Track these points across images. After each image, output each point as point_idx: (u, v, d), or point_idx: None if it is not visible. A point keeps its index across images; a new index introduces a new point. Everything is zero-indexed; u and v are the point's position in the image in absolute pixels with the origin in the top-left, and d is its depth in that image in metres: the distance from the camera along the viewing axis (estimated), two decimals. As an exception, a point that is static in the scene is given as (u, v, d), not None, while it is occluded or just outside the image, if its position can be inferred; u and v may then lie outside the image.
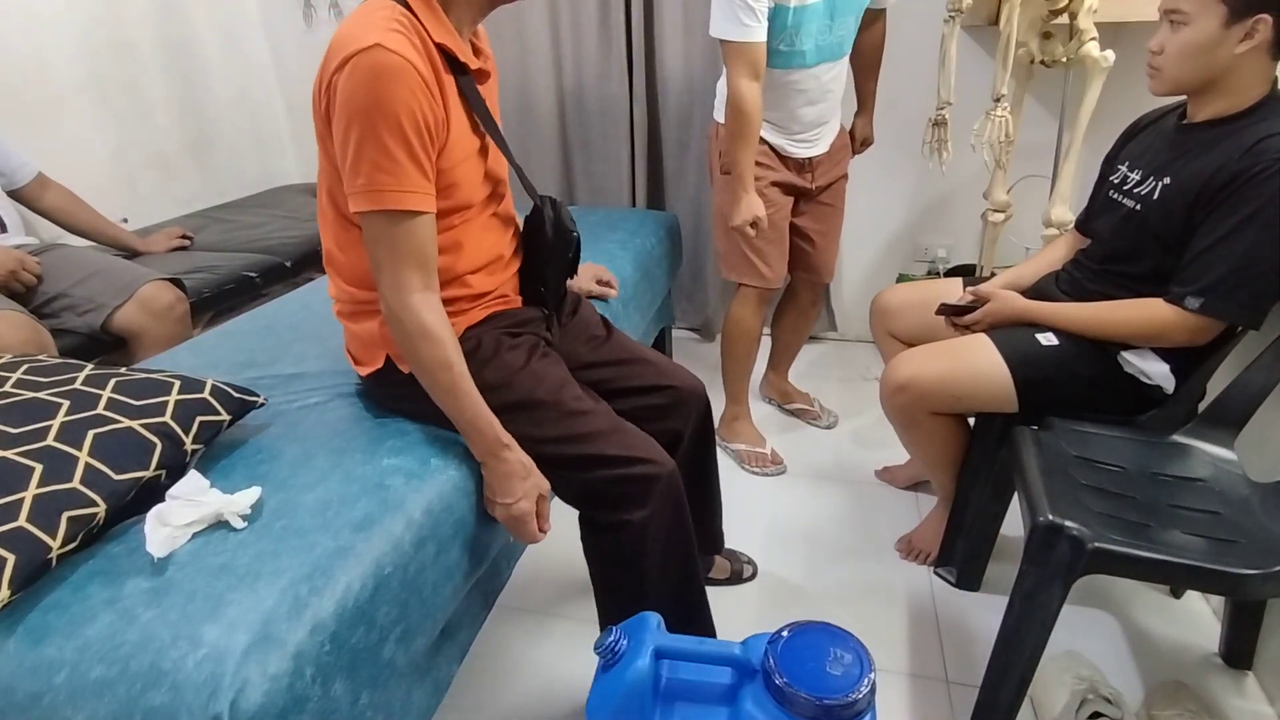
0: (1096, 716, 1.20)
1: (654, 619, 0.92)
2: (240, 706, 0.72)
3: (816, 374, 2.53)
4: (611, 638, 0.89)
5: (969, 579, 1.58)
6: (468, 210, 1.10)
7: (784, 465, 2.04)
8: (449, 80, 1.02)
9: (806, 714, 0.79)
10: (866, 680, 0.79)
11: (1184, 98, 1.29)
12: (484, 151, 1.11)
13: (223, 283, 2.03)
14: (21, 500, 0.82)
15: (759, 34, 1.56)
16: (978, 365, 1.37)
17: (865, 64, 1.96)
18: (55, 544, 0.82)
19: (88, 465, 0.88)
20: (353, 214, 0.99)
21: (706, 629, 1.25)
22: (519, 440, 1.08)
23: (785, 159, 1.85)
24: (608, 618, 1.23)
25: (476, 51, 1.11)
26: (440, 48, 1.00)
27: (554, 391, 1.13)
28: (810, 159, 1.88)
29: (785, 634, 0.85)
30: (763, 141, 1.81)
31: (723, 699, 0.87)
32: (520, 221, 1.27)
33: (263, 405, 1.13)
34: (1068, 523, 1.06)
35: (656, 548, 1.13)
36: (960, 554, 1.58)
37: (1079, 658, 1.34)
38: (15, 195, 1.94)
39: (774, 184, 1.85)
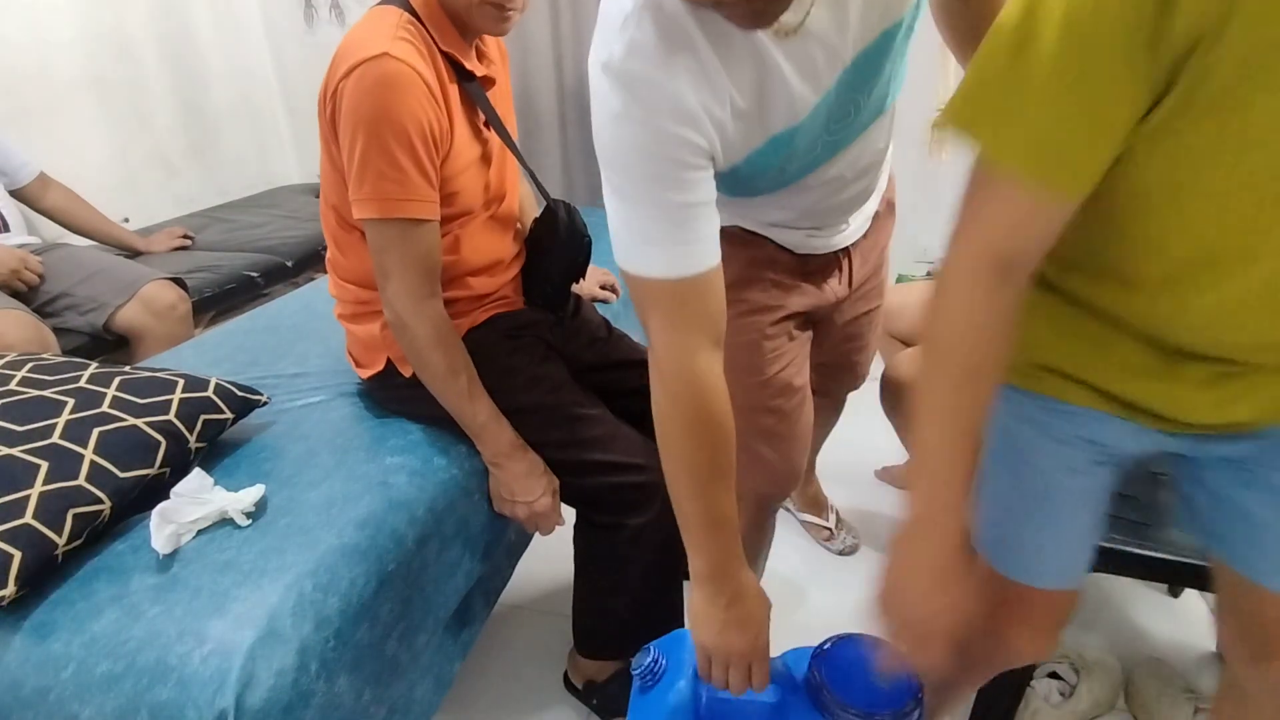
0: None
1: (690, 636, 0.88)
2: (246, 701, 0.73)
3: (816, 374, 2.53)
4: (649, 658, 0.84)
5: (968, 578, 1.59)
6: (467, 215, 1.11)
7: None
8: (454, 88, 1.02)
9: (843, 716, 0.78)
10: (916, 692, 0.78)
11: None
12: (486, 158, 1.11)
13: (224, 282, 2.03)
14: (28, 497, 0.83)
15: (706, 250, 0.74)
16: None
17: (971, 29, 0.98)
18: (61, 541, 0.83)
19: (93, 463, 0.89)
20: (356, 220, 0.99)
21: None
22: None
23: (803, 261, 1.06)
24: (581, 605, 1.26)
25: (482, 57, 1.11)
26: (446, 55, 1.01)
27: (555, 395, 1.13)
28: (846, 249, 1.10)
29: (828, 647, 0.84)
30: (757, 237, 1.03)
31: (768, 717, 0.84)
32: (526, 223, 1.27)
33: (266, 404, 1.13)
34: (1066, 521, 1.07)
35: (647, 552, 1.14)
36: (959, 553, 1.59)
37: (1167, 665, 1.32)
38: (17, 195, 1.95)
39: (785, 319, 1.08)
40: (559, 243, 1.22)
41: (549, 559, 1.61)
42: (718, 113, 0.70)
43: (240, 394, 1.09)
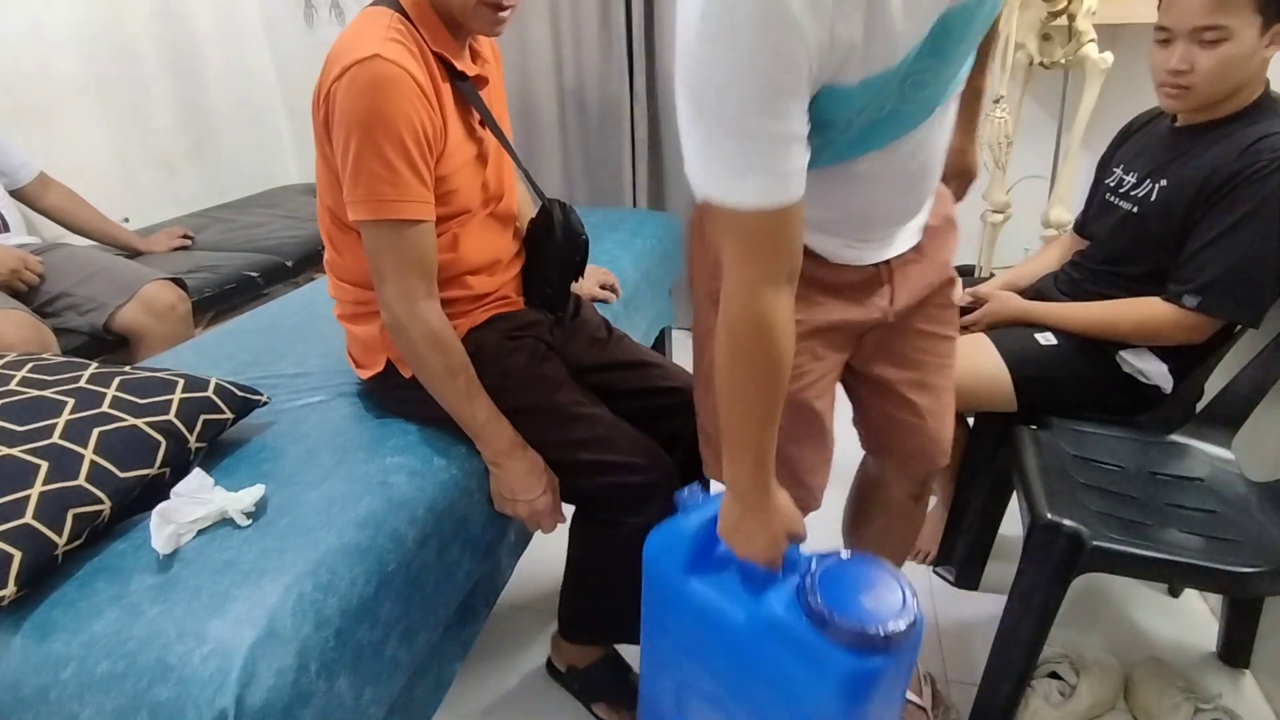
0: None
1: None
2: (246, 701, 0.73)
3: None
4: (687, 492, 0.95)
5: (968, 578, 1.59)
6: (466, 214, 1.11)
7: None
8: (446, 88, 1.02)
9: (818, 622, 0.78)
10: (894, 625, 0.77)
11: None
12: (482, 157, 1.11)
13: (224, 282, 2.03)
14: (28, 497, 0.83)
15: (800, 182, 0.73)
16: (977, 365, 1.38)
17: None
18: (61, 541, 0.83)
19: (93, 463, 0.89)
20: (352, 222, 1.00)
21: None
22: None
23: (836, 272, 0.97)
24: (570, 593, 1.27)
25: (476, 57, 1.11)
26: (438, 56, 1.01)
27: (554, 395, 1.13)
28: (888, 261, 0.99)
29: (844, 555, 0.85)
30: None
31: (761, 586, 0.87)
32: (524, 223, 1.27)
33: (266, 404, 1.13)
34: (1066, 521, 1.07)
35: (642, 551, 1.14)
36: (959, 553, 1.59)
37: (1167, 665, 1.32)
38: (17, 195, 1.95)
39: (810, 336, 0.98)
40: (555, 243, 1.22)
41: (549, 559, 1.61)
42: (820, 35, 0.67)
43: (240, 394, 1.09)
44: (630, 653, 1.36)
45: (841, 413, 1.08)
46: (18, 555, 0.79)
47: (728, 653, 0.90)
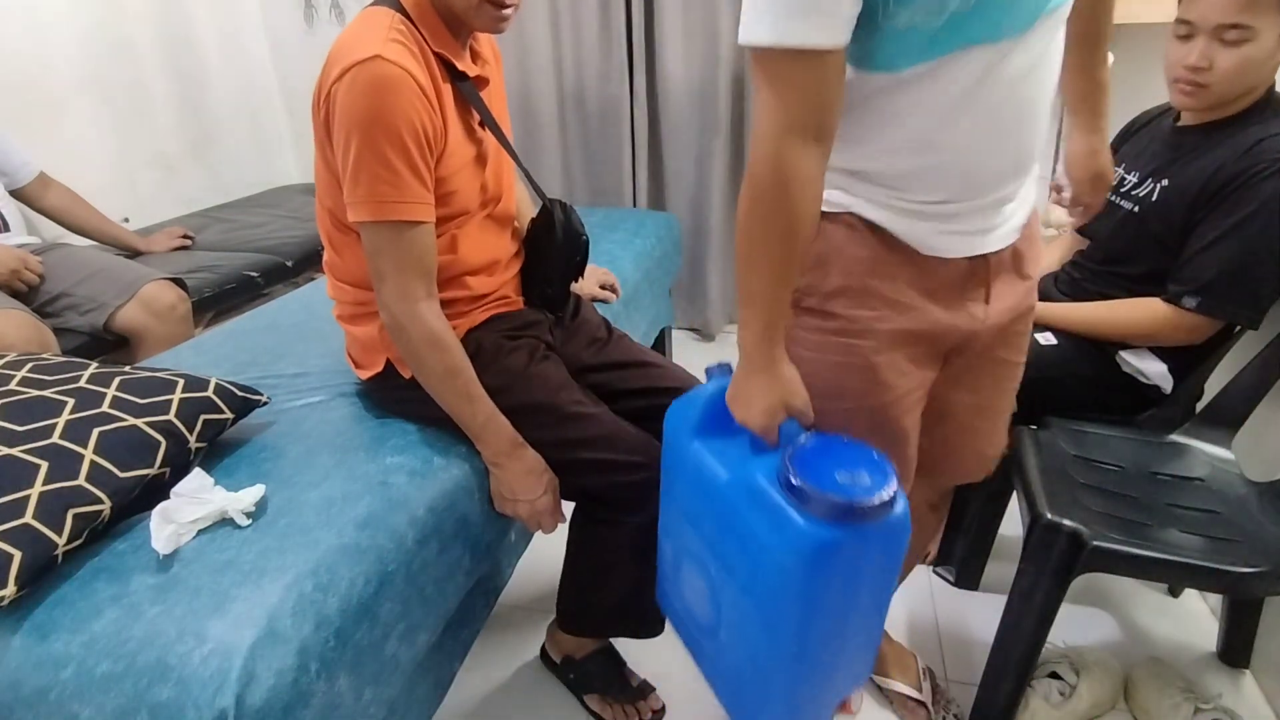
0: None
1: None
2: (246, 701, 0.73)
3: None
4: (716, 366, 0.98)
5: (968, 578, 1.59)
6: (464, 215, 1.11)
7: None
8: (447, 89, 1.02)
9: (789, 488, 0.78)
10: (864, 499, 0.75)
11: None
12: (481, 158, 1.11)
13: (224, 282, 2.03)
14: (27, 497, 0.83)
15: (840, 29, 0.71)
16: (977, 365, 1.37)
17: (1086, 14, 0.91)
18: (61, 541, 0.83)
19: (93, 463, 0.89)
20: (352, 223, 1.00)
21: (650, 624, 1.27)
22: None
23: (929, 270, 0.87)
24: (569, 586, 1.27)
25: (476, 57, 1.11)
26: (439, 56, 1.01)
27: (553, 395, 1.13)
28: (986, 258, 0.88)
29: (842, 439, 0.85)
30: (865, 225, 0.86)
31: (753, 453, 0.87)
32: (524, 223, 1.28)
33: (266, 404, 1.13)
34: (1066, 521, 1.07)
35: (642, 548, 1.14)
36: (959, 553, 1.59)
37: (1167, 665, 1.33)
38: (17, 195, 1.95)
39: (893, 347, 0.90)
40: (556, 243, 1.22)
41: (549, 559, 1.61)
42: None
43: (240, 394, 1.09)
44: (626, 646, 1.36)
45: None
46: (18, 555, 0.79)
47: (710, 513, 0.91)
